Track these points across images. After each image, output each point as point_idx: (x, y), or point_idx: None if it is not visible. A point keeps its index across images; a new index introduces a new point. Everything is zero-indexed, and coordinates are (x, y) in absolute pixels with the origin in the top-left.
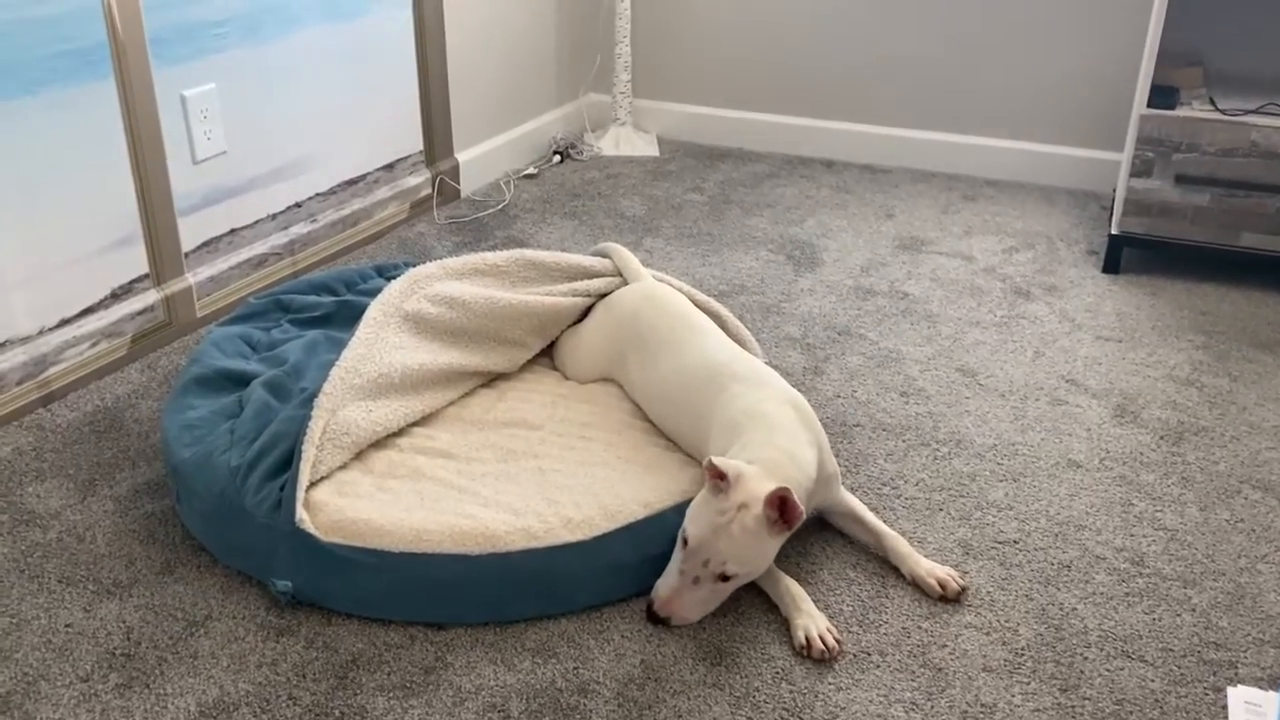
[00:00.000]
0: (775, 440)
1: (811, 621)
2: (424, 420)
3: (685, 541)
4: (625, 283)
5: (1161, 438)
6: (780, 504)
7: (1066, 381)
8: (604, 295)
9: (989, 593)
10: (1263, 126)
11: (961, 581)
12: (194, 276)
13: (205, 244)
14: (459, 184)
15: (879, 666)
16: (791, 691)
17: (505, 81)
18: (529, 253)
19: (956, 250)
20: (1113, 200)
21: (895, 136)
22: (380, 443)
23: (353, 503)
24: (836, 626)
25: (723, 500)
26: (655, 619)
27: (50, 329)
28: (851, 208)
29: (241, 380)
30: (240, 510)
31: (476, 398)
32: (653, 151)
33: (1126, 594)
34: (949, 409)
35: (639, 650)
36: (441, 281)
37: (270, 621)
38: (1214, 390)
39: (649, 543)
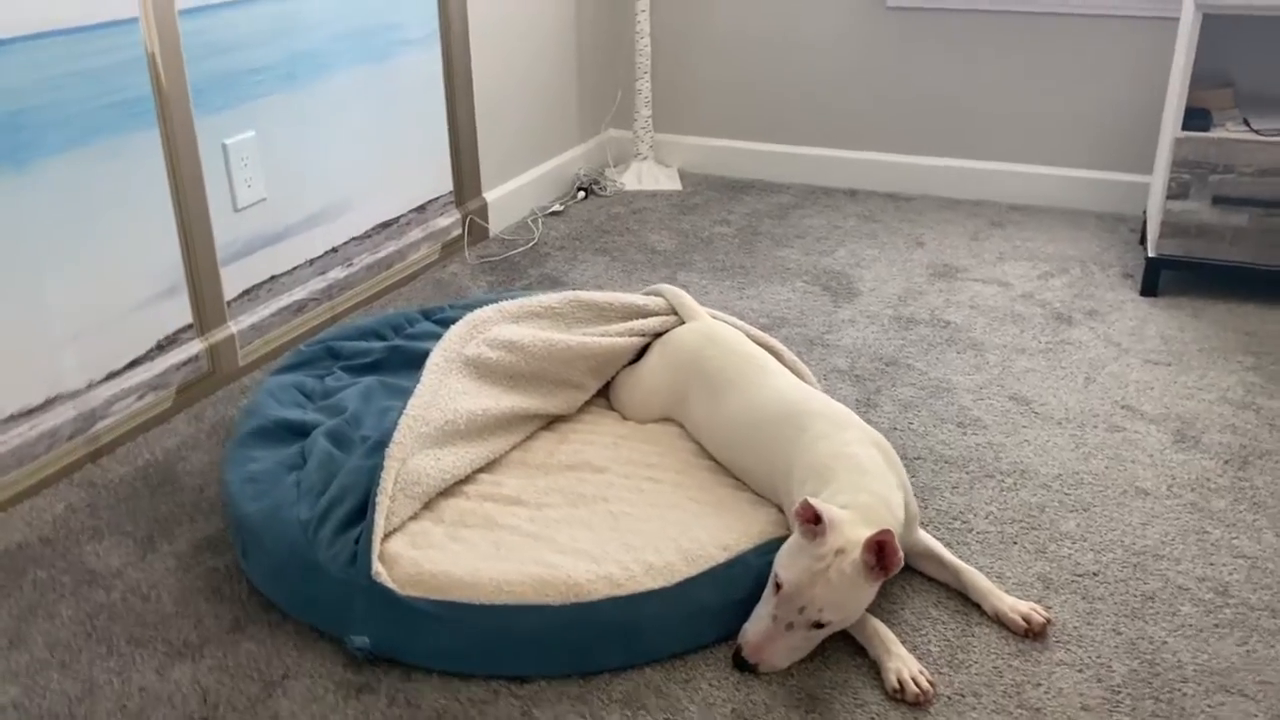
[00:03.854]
0: (866, 484)
1: (903, 664)
2: (488, 466)
3: (779, 587)
4: (681, 321)
5: (1226, 462)
6: (879, 549)
7: (1121, 407)
8: (659, 334)
9: (1075, 627)
10: None
11: (1046, 615)
12: (236, 325)
13: (246, 292)
14: (488, 223)
15: (975, 709)
16: None
17: (530, 120)
18: (582, 294)
19: (991, 277)
20: (1142, 222)
21: (918, 164)
22: (448, 491)
23: (428, 554)
24: (926, 668)
25: (819, 545)
26: (743, 666)
27: (98, 382)
28: (881, 236)
29: (301, 430)
30: (313, 565)
31: (538, 441)
32: (675, 185)
33: (1215, 625)
34: (1007, 439)
35: (728, 698)
36: (499, 325)
37: (349, 679)
38: (1271, 412)
39: (731, 587)
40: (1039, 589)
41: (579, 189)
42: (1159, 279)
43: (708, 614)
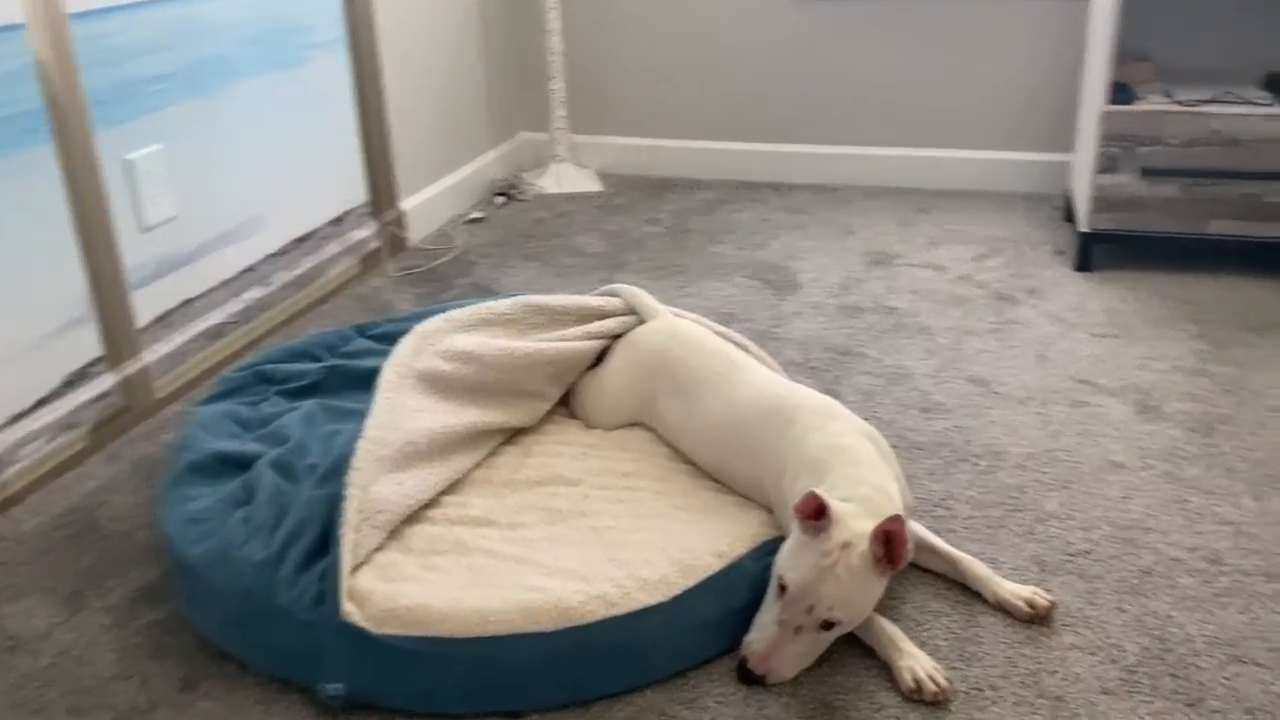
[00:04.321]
0: (864, 476)
1: (915, 662)
2: (451, 487)
3: (783, 589)
4: (640, 321)
5: (1191, 430)
6: (888, 539)
7: (1079, 382)
8: (618, 335)
9: (1079, 608)
10: (1222, 115)
11: (1049, 598)
12: (150, 355)
13: (159, 318)
14: (406, 233)
15: (996, 702)
16: None
17: (443, 123)
18: (534, 298)
19: (927, 261)
20: (1065, 200)
21: (840, 154)
22: (411, 517)
23: (401, 587)
24: (938, 663)
25: (824, 541)
26: (749, 678)
27: (3, 425)
28: (811, 228)
29: (242, 463)
30: (274, 608)
31: (502, 457)
32: (595, 187)
33: (1215, 595)
34: (974, 421)
35: (738, 715)
36: (450, 336)
37: None
38: (1225, 378)
39: (729, 595)
40: (1035, 572)
41: (497, 194)
42: (1092, 254)
43: (708, 626)
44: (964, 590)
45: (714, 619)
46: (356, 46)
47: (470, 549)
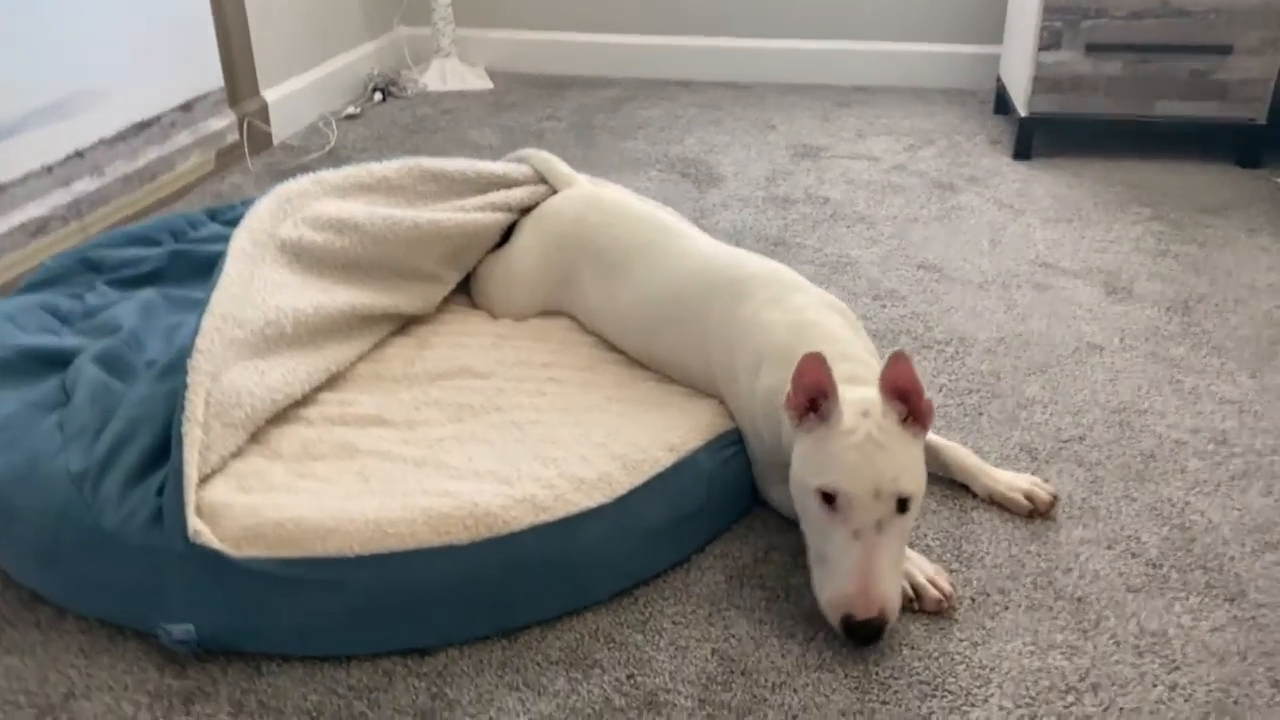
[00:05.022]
0: (842, 352)
1: (913, 567)
2: (331, 382)
3: (829, 499)
4: (553, 191)
5: (1168, 310)
6: (902, 394)
7: (1039, 266)
8: (528, 209)
9: (1083, 498)
10: None
11: (1050, 490)
12: None
13: None
14: (270, 127)
15: (1008, 608)
16: (921, 659)
17: (309, 9)
18: (425, 161)
19: (857, 153)
20: (994, 93)
21: (755, 49)
22: (281, 417)
23: (268, 499)
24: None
25: (836, 423)
26: (866, 632)
27: None
28: (727, 123)
29: (59, 359)
30: (97, 533)
31: (391, 349)
32: (485, 84)
33: (1232, 477)
34: (931, 307)
35: (703, 637)
36: (320, 201)
37: (170, 686)
38: (1190, 258)
39: (682, 497)
40: (1026, 461)
41: (374, 90)
42: (1032, 140)
43: (658, 534)
44: (950, 485)
45: (664, 525)
46: None
47: (359, 452)
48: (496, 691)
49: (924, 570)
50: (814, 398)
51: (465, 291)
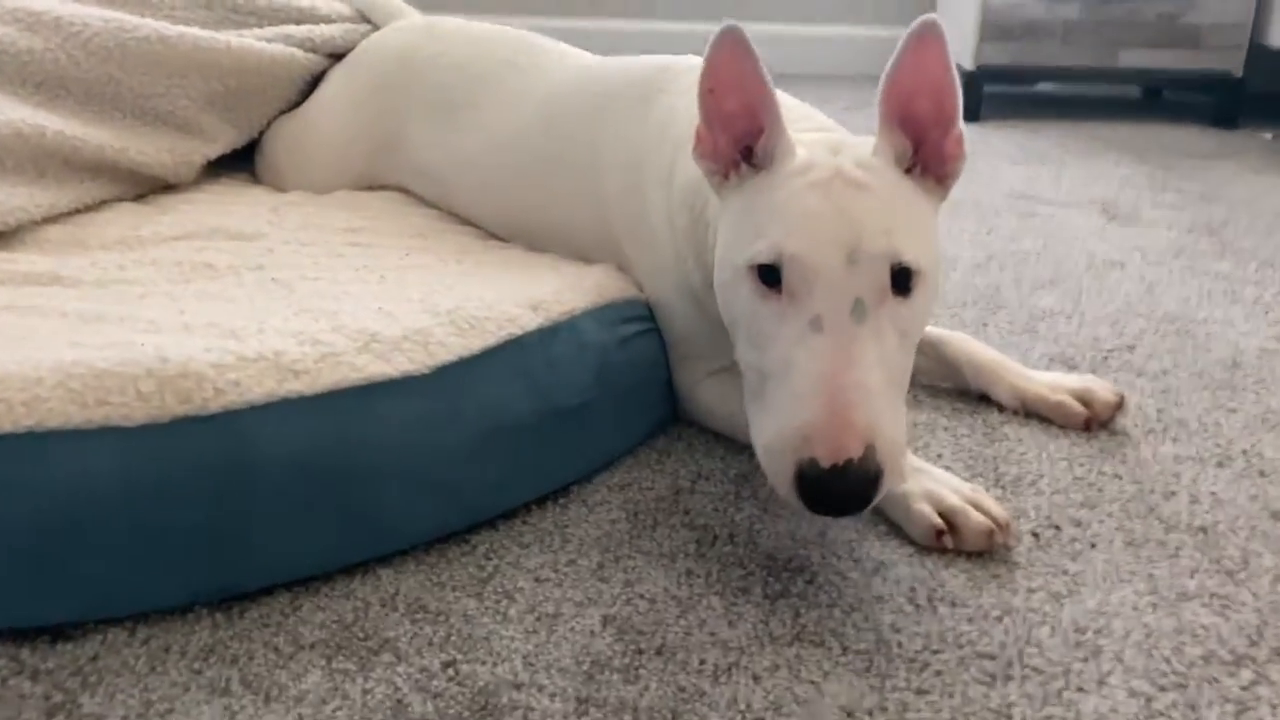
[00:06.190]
0: (803, 114)
1: (934, 479)
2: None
3: (776, 274)
4: (376, 29)
5: (1189, 232)
6: (917, 91)
7: (1016, 198)
8: (339, 55)
9: (1160, 410)
10: None
11: (1113, 389)
12: None
13: None
14: None
15: (1094, 544)
16: (972, 621)
17: None
18: None
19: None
20: None
21: (667, 32)
22: None
23: None
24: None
25: (783, 161)
26: (837, 490)
27: None
28: None
29: None
30: None
31: (110, 213)
32: None
33: None
34: None
35: (587, 599)
36: None
37: None
38: (1195, 192)
39: (555, 384)
40: (1062, 371)
41: None
42: (982, 98)
43: (512, 438)
44: (961, 395)
45: (524, 424)
46: None
47: (16, 308)
48: (183, 698)
49: (956, 488)
50: (744, 130)
51: (250, 166)
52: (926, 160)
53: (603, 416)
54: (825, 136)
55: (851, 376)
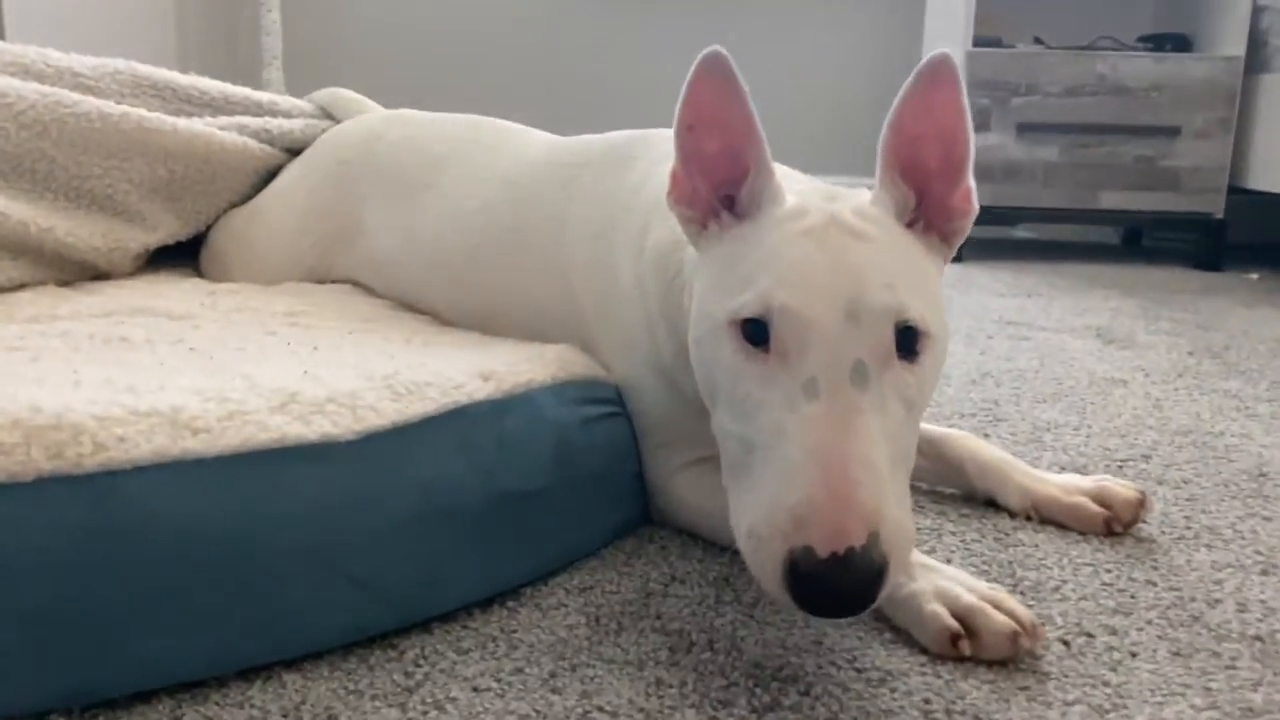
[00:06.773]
0: (794, 178)
1: (949, 578)
2: None
3: (763, 329)
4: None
5: (1190, 354)
6: (926, 134)
7: (1007, 324)
8: (297, 151)
9: (1187, 518)
10: (1108, 56)
11: (1134, 488)
12: None
13: None
14: None
15: (1136, 654)
16: None
17: None
18: (141, 68)
19: None
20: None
21: None
22: None
23: None
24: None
25: (770, 206)
26: (834, 582)
27: None
28: None
29: None
30: None
31: (30, 294)
32: None
33: None
34: None
35: (537, 712)
36: None
37: None
38: (1189, 323)
39: (507, 465)
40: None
41: None
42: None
43: (454, 525)
44: (966, 501)
45: (471, 510)
46: None
47: None
48: None
49: (972, 586)
50: (726, 176)
51: (194, 258)
52: (930, 214)
53: (561, 506)
54: (818, 185)
55: (853, 449)
